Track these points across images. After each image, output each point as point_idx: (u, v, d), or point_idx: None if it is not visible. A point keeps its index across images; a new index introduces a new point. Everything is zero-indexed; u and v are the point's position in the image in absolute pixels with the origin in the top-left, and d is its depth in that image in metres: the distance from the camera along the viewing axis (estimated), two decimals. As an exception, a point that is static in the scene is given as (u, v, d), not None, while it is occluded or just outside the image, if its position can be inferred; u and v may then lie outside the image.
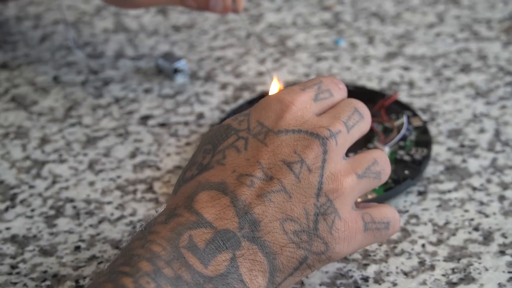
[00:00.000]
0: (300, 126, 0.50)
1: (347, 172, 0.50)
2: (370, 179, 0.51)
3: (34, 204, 0.63)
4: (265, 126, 0.50)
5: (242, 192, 0.48)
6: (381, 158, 0.52)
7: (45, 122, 0.72)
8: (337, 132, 0.50)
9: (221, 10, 0.67)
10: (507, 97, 0.71)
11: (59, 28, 0.83)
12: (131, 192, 0.64)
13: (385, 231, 0.52)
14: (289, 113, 0.50)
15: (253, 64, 0.77)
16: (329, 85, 0.53)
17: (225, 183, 0.48)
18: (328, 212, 0.49)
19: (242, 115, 0.51)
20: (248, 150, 0.49)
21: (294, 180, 0.48)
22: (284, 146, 0.49)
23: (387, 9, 0.84)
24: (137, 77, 0.76)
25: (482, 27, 0.80)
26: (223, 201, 0.48)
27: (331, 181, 0.49)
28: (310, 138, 0.49)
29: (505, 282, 0.54)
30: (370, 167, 0.51)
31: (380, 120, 0.66)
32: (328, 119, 0.51)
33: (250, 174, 0.48)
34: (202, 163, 0.50)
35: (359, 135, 0.52)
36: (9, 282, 0.57)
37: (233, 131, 0.51)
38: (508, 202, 0.60)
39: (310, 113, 0.51)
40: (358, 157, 0.52)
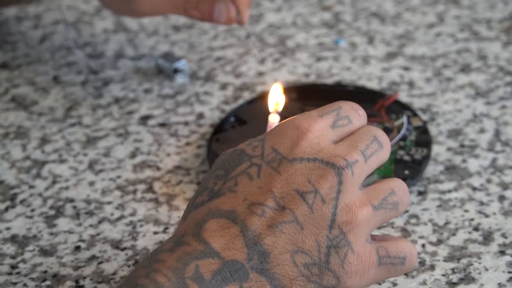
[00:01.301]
0: (315, 154, 0.48)
1: (362, 204, 0.48)
2: (387, 210, 0.49)
3: (34, 204, 0.63)
4: (279, 153, 0.48)
5: (253, 222, 0.46)
6: (399, 188, 0.50)
7: (45, 122, 0.72)
8: (354, 162, 0.48)
9: (225, 22, 0.67)
10: (507, 97, 0.71)
11: (59, 28, 0.83)
12: (131, 192, 0.64)
13: (401, 267, 0.50)
14: (305, 140, 0.48)
15: (253, 64, 0.77)
16: (348, 111, 0.51)
17: (235, 211, 0.47)
18: (340, 245, 0.47)
19: (257, 141, 0.50)
20: (260, 177, 0.48)
21: (307, 211, 0.47)
22: (298, 175, 0.47)
23: (387, 9, 0.84)
24: (137, 77, 0.76)
25: (482, 27, 0.80)
26: (232, 230, 0.46)
27: (345, 212, 0.47)
28: (325, 168, 0.48)
29: (505, 282, 0.54)
30: (387, 198, 0.49)
31: (380, 120, 0.66)
32: (345, 147, 0.49)
33: (261, 203, 0.47)
34: (213, 189, 0.48)
35: (377, 165, 0.50)
36: (9, 282, 0.57)
37: (246, 157, 0.49)
38: (508, 202, 0.60)
39: (327, 140, 0.49)
40: (375, 187, 0.50)
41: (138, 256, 0.58)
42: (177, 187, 0.64)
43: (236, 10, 0.66)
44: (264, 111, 0.65)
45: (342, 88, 0.71)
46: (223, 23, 0.67)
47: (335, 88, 0.71)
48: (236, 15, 0.67)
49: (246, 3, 0.66)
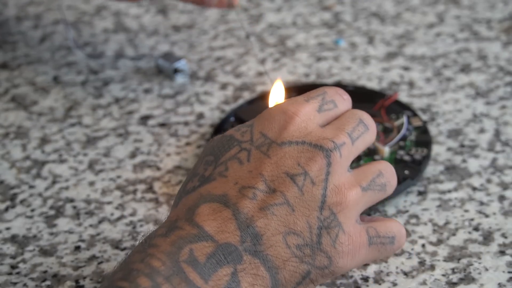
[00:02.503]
0: (303, 137, 0.49)
1: (351, 185, 0.49)
2: (375, 192, 0.50)
3: (34, 204, 0.63)
4: (268, 137, 0.49)
5: (244, 205, 0.47)
6: (387, 170, 0.51)
7: (45, 122, 0.72)
8: (341, 144, 0.49)
9: (216, 4, 0.67)
10: (507, 97, 0.71)
11: (59, 28, 0.83)
12: (131, 192, 0.64)
13: (390, 246, 0.51)
14: (293, 124, 0.49)
15: (253, 64, 0.77)
16: (333, 96, 0.52)
17: (227, 195, 0.47)
18: (331, 226, 0.48)
19: (245, 126, 0.51)
20: (250, 162, 0.49)
21: (297, 193, 0.48)
22: (288, 158, 0.48)
23: (387, 9, 0.84)
24: (137, 77, 0.76)
25: (482, 27, 0.80)
26: (224, 214, 0.47)
27: (334, 194, 0.48)
28: (314, 150, 0.49)
29: (505, 282, 0.54)
30: (375, 179, 0.50)
31: (380, 120, 0.66)
32: (332, 130, 0.50)
33: (252, 187, 0.48)
34: (204, 175, 0.49)
35: (364, 147, 0.51)
36: (9, 282, 0.57)
37: (235, 142, 0.50)
38: (508, 202, 0.60)
39: (314, 124, 0.50)
40: (363, 169, 0.51)
41: (138, 256, 0.58)
42: (177, 187, 0.64)
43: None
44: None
45: (342, 88, 0.71)
46: (214, 5, 0.67)
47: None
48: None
49: None
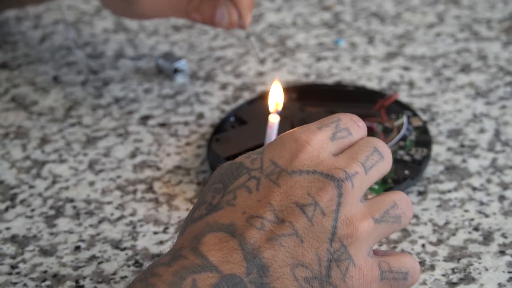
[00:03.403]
0: (315, 167, 0.47)
1: (363, 216, 0.47)
2: (389, 224, 0.49)
3: (34, 204, 0.63)
4: (278, 166, 0.48)
5: (252, 235, 0.45)
6: (402, 201, 0.49)
7: (45, 122, 0.72)
8: (354, 173, 0.48)
9: (226, 25, 0.67)
10: (507, 97, 0.71)
11: (59, 28, 0.83)
12: (131, 192, 0.64)
13: (403, 282, 0.49)
14: (304, 153, 0.48)
15: (253, 64, 0.77)
16: (347, 123, 0.50)
17: (234, 225, 0.46)
18: (342, 259, 0.46)
19: (256, 153, 0.49)
20: (259, 190, 0.47)
21: (306, 224, 0.46)
22: (298, 187, 0.47)
23: (387, 9, 0.84)
24: (137, 77, 0.76)
25: (482, 27, 0.80)
26: (231, 244, 0.45)
27: (346, 225, 0.47)
28: (325, 180, 0.47)
29: (505, 282, 0.54)
30: (388, 211, 0.49)
31: (380, 120, 0.66)
32: (345, 159, 0.48)
33: (260, 216, 0.46)
34: (212, 203, 0.48)
35: (379, 177, 0.50)
36: (9, 282, 0.57)
37: (245, 170, 0.48)
38: (508, 202, 0.60)
39: (326, 153, 0.48)
40: (376, 200, 0.49)
41: (138, 256, 0.58)
42: (177, 187, 0.64)
43: (238, 14, 0.66)
44: (264, 111, 0.65)
45: (342, 88, 0.71)
46: (224, 27, 0.67)
47: (335, 88, 0.71)
48: (238, 19, 0.66)
49: (248, 7, 0.66)
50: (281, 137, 0.49)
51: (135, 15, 0.69)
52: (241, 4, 0.66)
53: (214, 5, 0.66)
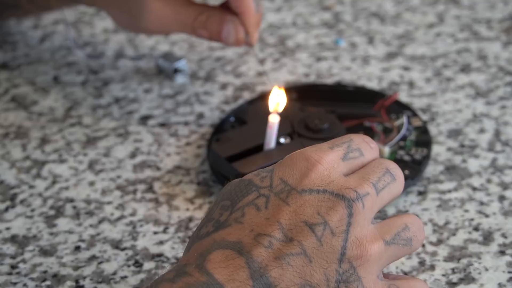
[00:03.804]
0: (325, 186, 0.47)
1: (373, 238, 0.47)
2: (400, 246, 0.48)
3: (34, 204, 0.63)
4: (288, 184, 0.47)
5: (259, 253, 0.45)
6: (414, 223, 0.49)
7: (45, 122, 0.72)
8: (365, 194, 0.47)
9: (233, 42, 0.66)
10: (507, 97, 0.71)
11: (59, 28, 0.83)
12: (131, 192, 0.64)
13: None
14: (315, 172, 0.47)
15: (253, 64, 0.77)
16: (359, 144, 0.50)
17: (241, 242, 0.45)
18: (350, 280, 0.46)
19: (265, 171, 0.48)
20: (268, 208, 0.46)
21: (315, 243, 0.45)
22: (307, 206, 0.46)
23: (387, 9, 0.84)
24: (137, 77, 0.76)
25: (482, 27, 0.80)
26: (237, 261, 0.44)
27: (355, 246, 0.46)
28: (335, 200, 0.46)
29: (505, 282, 0.54)
30: (399, 233, 0.48)
31: (380, 120, 0.66)
32: (356, 180, 0.48)
33: (268, 234, 0.45)
34: (219, 220, 0.47)
35: (390, 199, 0.49)
36: (9, 282, 0.57)
37: (254, 188, 0.48)
38: (508, 202, 0.60)
39: (337, 173, 0.48)
40: (388, 222, 0.48)
41: (138, 256, 0.58)
42: (177, 187, 0.64)
43: (245, 31, 0.66)
44: (264, 111, 0.65)
45: (342, 88, 0.71)
46: (231, 44, 0.66)
47: (335, 88, 0.71)
48: (245, 36, 0.66)
49: (255, 25, 0.66)
50: (292, 156, 0.49)
51: (141, 30, 0.69)
52: (248, 21, 0.65)
53: (221, 22, 0.66)
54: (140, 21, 0.67)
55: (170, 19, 0.66)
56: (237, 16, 0.66)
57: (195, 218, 0.61)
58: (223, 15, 0.66)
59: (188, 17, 0.66)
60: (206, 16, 0.66)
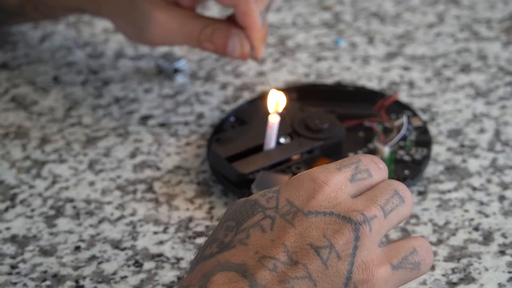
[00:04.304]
0: (332, 208, 0.46)
1: (380, 262, 0.46)
2: (407, 271, 0.47)
3: (34, 204, 0.63)
4: (294, 205, 0.47)
5: (263, 276, 0.44)
6: (422, 247, 0.48)
7: (45, 122, 0.72)
8: (372, 217, 0.46)
9: (239, 57, 0.66)
10: (507, 97, 0.71)
11: (59, 28, 0.83)
12: (131, 192, 0.64)
13: None
14: (322, 193, 0.47)
15: (253, 64, 0.77)
16: (368, 165, 0.49)
17: (245, 264, 0.45)
18: None
19: (272, 192, 0.48)
20: (274, 230, 0.46)
21: (321, 267, 0.45)
22: (313, 229, 0.46)
23: (387, 9, 0.84)
24: (137, 77, 0.76)
25: (482, 27, 0.80)
26: (241, 284, 0.44)
27: (362, 270, 0.45)
28: (341, 222, 0.46)
29: (505, 282, 0.54)
30: (407, 257, 0.47)
31: (380, 120, 0.66)
32: (364, 202, 0.47)
33: (273, 257, 0.45)
34: (224, 241, 0.47)
35: (398, 221, 0.48)
36: (9, 282, 0.57)
37: (260, 209, 0.47)
38: (508, 202, 0.60)
39: (344, 194, 0.47)
40: (395, 245, 0.48)
41: (138, 256, 0.58)
42: (177, 187, 0.64)
43: (250, 45, 0.66)
44: (264, 111, 0.65)
45: (342, 88, 0.71)
46: (236, 57, 0.66)
47: (335, 88, 0.71)
48: (251, 51, 0.66)
49: (261, 39, 0.65)
50: (298, 177, 0.48)
51: (146, 42, 0.69)
52: (253, 36, 0.65)
53: (227, 36, 0.65)
54: (145, 32, 0.66)
55: (176, 32, 0.66)
56: (243, 30, 0.65)
57: (195, 218, 0.61)
58: (228, 28, 0.65)
59: (193, 30, 0.66)
60: (211, 30, 0.65)
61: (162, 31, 0.66)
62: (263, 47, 0.66)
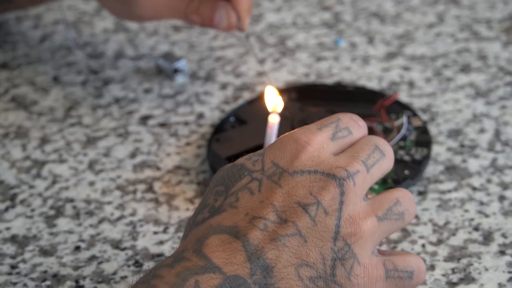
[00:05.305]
0: (316, 166, 0.48)
1: (366, 215, 0.48)
2: (392, 221, 0.49)
3: (34, 204, 0.63)
4: (280, 166, 0.48)
5: (255, 236, 0.46)
6: (404, 198, 0.50)
7: (45, 122, 0.72)
8: (355, 172, 0.48)
9: (225, 28, 0.67)
10: (507, 97, 0.71)
11: (59, 28, 0.83)
12: (131, 192, 0.64)
13: (408, 281, 0.49)
14: (305, 153, 0.48)
15: (253, 64, 0.77)
16: (347, 123, 0.50)
17: (237, 226, 0.46)
18: (346, 257, 0.46)
19: (256, 155, 0.49)
20: (262, 192, 0.47)
21: (309, 223, 0.46)
22: (300, 187, 0.47)
23: (387, 9, 0.84)
24: (137, 77, 0.76)
25: (482, 27, 0.80)
26: (234, 245, 0.45)
27: (349, 224, 0.47)
28: (326, 179, 0.47)
29: (505, 282, 0.54)
30: (391, 208, 0.49)
31: (380, 120, 0.66)
32: (346, 158, 0.48)
33: (263, 217, 0.46)
34: (214, 206, 0.48)
35: (381, 175, 0.50)
36: (9, 282, 0.57)
37: (246, 172, 0.48)
38: (508, 202, 0.60)
39: (327, 153, 0.49)
40: (379, 198, 0.49)
41: (138, 256, 0.58)
42: (177, 187, 0.64)
43: (237, 17, 0.66)
44: (264, 111, 0.65)
45: (342, 88, 0.71)
46: (223, 29, 0.67)
47: (335, 88, 0.71)
48: (237, 22, 0.67)
49: (247, 10, 0.66)
50: (281, 139, 0.49)
51: (133, 17, 0.70)
52: (239, 6, 0.66)
53: (213, 8, 0.66)
54: (133, 7, 0.67)
55: (163, 5, 0.67)
56: (228, 2, 0.66)
57: (195, 218, 0.61)
58: (215, 1, 0.66)
59: (180, 3, 0.67)
60: (198, 2, 0.67)
61: (149, 5, 0.67)
62: (249, 17, 0.67)
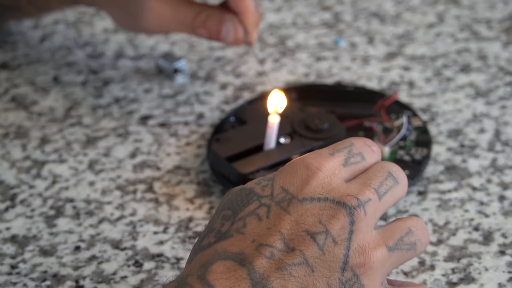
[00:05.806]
0: (326, 194, 0.47)
1: (376, 245, 0.46)
2: (403, 251, 0.47)
3: (34, 204, 0.63)
4: (289, 193, 0.47)
5: (261, 264, 0.44)
6: (417, 227, 0.48)
7: (45, 122, 0.72)
8: (367, 200, 0.47)
9: (232, 41, 0.66)
10: (507, 97, 0.71)
11: (59, 28, 0.83)
12: (131, 192, 0.64)
13: None
14: (316, 179, 0.47)
15: (253, 64, 0.77)
16: (361, 148, 0.49)
17: (243, 253, 0.45)
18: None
19: (266, 180, 0.48)
20: (270, 218, 0.46)
21: (317, 253, 0.45)
22: (309, 215, 0.46)
23: (387, 9, 0.84)
24: (137, 77, 0.76)
25: (482, 27, 0.80)
26: (239, 273, 0.44)
27: (358, 254, 0.46)
28: (336, 208, 0.46)
29: (505, 282, 0.54)
30: (403, 238, 0.47)
31: (380, 120, 0.66)
32: (358, 185, 0.47)
33: (270, 245, 0.45)
34: (221, 231, 0.47)
35: (393, 202, 0.48)
36: (9, 282, 0.57)
37: (255, 197, 0.47)
38: (508, 202, 0.60)
39: (338, 179, 0.47)
40: (391, 227, 0.48)
41: (138, 256, 0.58)
42: (177, 187, 0.64)
43: (244, 30, 0.66)
44: (264, 111, 0.65)
45: (342, 88, 0.71)
46: (230, 43, 0.66)
47: (335, 88, 0.71)
48: (244, 35, 0.66)
49: (254, 24, 0.66)
50: (292, 164, 0.48)
51: (140, 30, 0.69)
52: (246, 20, 0.65)
53: (220, 21, 0.66)
54: (139, 20, 0.67)
55: (170, 19, 0.66)
56: (236, 16, 0.66)
57: (195, 218, 0.61)
58: (222, 14, 0.66)
59: (187, 16, 0.66)
60: (205, 16, 0.66)
61: (156, 19, 0.66)
62: (256, 32, 0.67)
